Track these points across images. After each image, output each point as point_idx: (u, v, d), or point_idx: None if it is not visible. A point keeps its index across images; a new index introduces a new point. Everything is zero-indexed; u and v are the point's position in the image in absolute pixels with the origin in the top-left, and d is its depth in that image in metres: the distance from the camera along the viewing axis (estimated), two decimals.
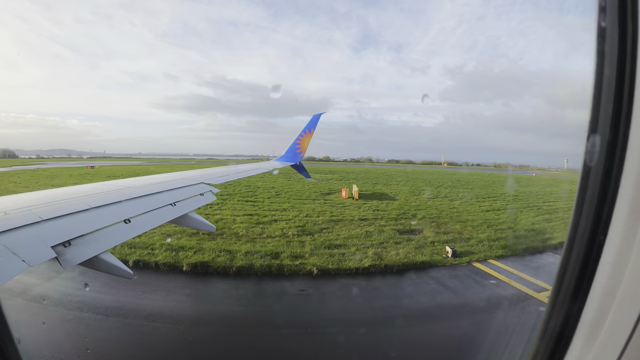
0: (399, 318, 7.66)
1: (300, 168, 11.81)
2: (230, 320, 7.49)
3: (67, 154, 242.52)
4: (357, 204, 21.24)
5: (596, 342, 1.10)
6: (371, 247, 11.99)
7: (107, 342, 6.52)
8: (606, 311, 1.08)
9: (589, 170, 1.15)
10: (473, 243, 12.94)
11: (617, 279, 1.05)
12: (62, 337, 6.56)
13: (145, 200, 4.04)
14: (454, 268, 10.64)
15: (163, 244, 11.46)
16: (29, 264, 2.12)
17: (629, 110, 1.03)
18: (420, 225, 15.78)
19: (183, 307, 7.95)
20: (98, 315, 7.30)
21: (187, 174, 6.36)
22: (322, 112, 11.79)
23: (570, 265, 1.21)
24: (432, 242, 12.81)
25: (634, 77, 1.03)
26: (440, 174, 56.76)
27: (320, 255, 11.02)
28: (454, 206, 21.61)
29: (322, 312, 7.93)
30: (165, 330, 6.92)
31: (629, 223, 1.03)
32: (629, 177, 1.03)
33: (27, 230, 2.46)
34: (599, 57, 1.11)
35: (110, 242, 2.98)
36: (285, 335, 6.88)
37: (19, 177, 34.54)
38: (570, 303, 1.19)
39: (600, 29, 1.11)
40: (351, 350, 6.51)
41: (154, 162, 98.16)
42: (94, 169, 49.41)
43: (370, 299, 8.77)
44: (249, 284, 9.37)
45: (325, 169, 62.16)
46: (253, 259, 10.48)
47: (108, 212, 3.37)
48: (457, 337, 6.99)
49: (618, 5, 1.07)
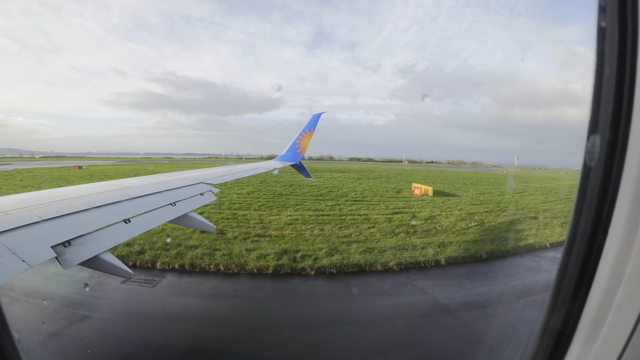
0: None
1: (300, 167, 11.79)
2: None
3: (18, 154, 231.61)
4: (441, 200, 23.80)
5: (596, 342, 1.10)
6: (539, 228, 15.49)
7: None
8: (606, 311, 1.08)
9: (589, 170, 1.15)
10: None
11: (617, 279, 1.05)
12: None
13: (145, 200, 4.03)
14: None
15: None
16: (29, 263, 2.12)
17: (629, 110, 1.03)
18: (520, 213, 19.37)
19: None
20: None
21: (187, 174, 6.36)
22: (322, 112, 11.76)
23: (570, 265, 1.21)
24: (561, 224, 16.57)
25: (634, 77, 1.03)
26: (430, 172, 59.07)
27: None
28: (513, 199, 25.42)
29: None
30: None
31: (629, 223, 1.03)
32: (629, 177, 1.03)
33: (27, 230, 2.45)
34: (599, 57, 1.11)
35: (110, 242, 2.98)
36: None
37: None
38: (571, 303, 1.19)
39: (600, 29, 1.11)
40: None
41: (135, 161, 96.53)
42: (82, 170, 47.51)
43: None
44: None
45: (318, 168, 62.74)
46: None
47: (108, 212, 3.36)
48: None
49: (618, 5, 1.07)
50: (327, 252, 11.40)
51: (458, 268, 10.87)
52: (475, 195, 27.03)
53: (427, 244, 12.53)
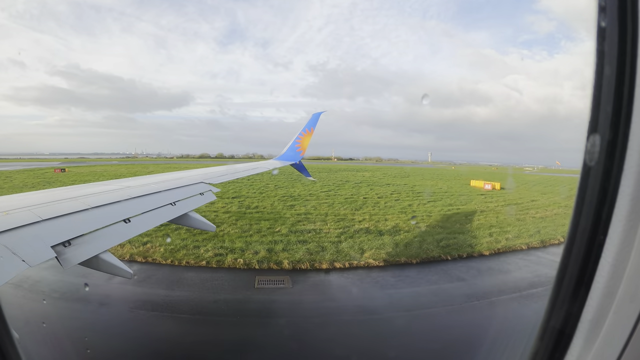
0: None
1: (300, 167, 11.79)
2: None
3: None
4: (503, 193, 28.97)
5: (596, 342, 1.11)
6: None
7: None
8: (606, 311, 1.08)
9: (589, 170, 1.15)
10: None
11: (617, 279, 1.05)
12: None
13: (144, 200, 4.03)
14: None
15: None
16: (29, 263, 2.12)
17: (629, 110, 1.03)
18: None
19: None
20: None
21: (187, 174, 6.36)
22: (322, 112, 11.75)
23: (570, 265, 1.21)
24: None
25: (634, 77, 1.03)
26: (390, 170, 61.90)
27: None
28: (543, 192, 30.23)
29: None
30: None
31: (629, 223, 1.03)
32: (629, 177, 1.03)
33: (27, 230, 2.45)
34: (599, 57, 1.11)
35: (110, 242, 2.98)
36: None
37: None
38: (570, 303, 1.19)
39: (600, 29, 1.11)
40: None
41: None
42: (64, 172, 42.76)
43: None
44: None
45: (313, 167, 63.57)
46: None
47: (108, 211, 3.36)
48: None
49: (618, 5, 1.07)
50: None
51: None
52: (520, 190, 31.66)
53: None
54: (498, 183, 32.26)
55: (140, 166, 62.24)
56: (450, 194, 27.57)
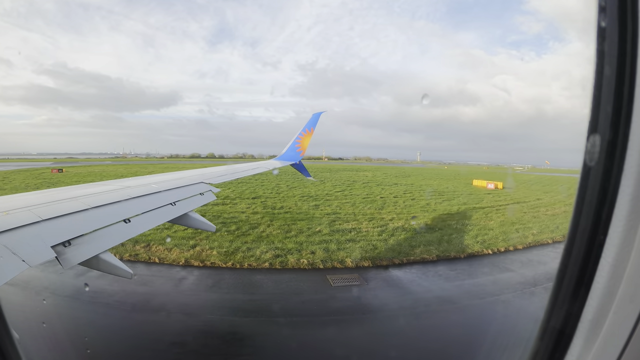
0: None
1: (300, 167, 11.79)
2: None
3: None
4: (506, 192, 29.90)
5: (596, 342, 1.10)
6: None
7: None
8: (606, 311, 1.08)
9: (589, 170, 1.15)
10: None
11: (617, 279, 1.05)
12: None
13: (144, 200, 4.03)
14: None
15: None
16: (29, 263, 2.12)
17: (629, 110, 1.03)
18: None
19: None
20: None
21: (186, 174, 6.36)
22: (322, 112, 11.75)
23: (570, 265, 1.21)
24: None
25: (634, 77, 1.03)
26: (390, 170, 62.45)
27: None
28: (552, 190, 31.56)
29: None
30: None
31: (629, 223, 1.03)
32: (629, 177, 1.03)
33: (27, 230, 2.45)
34: (599, 57, 1.11)
35: (110, 242, 2.98)
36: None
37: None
38: (571, 302, 1.19)
39: (600, 29, 1.11)
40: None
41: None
42: (62, 173, 41.52)
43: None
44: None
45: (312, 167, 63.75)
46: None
47: (108, 212, 3.36)
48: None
49: (618, 5, 1.07)
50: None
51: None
52: (520, 190, 32.47)
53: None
54: (500, 182, 33.11)
55: (138, 166, 61.88)
56: (459, 193, 28.28)
